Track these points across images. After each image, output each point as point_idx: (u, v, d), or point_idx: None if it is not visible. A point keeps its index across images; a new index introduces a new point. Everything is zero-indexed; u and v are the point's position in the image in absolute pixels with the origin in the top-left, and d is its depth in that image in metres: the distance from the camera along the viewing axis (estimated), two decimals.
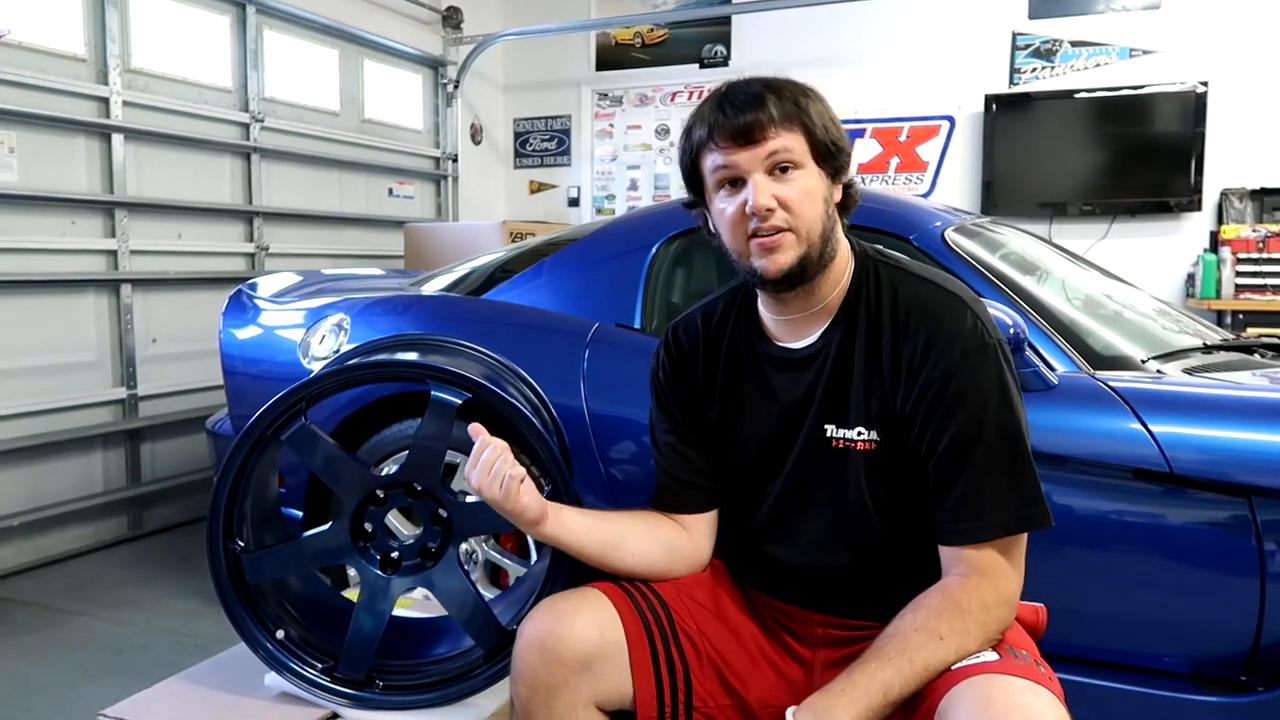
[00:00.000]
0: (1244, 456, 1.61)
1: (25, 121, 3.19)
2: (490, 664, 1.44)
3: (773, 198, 1.16)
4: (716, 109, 1.19)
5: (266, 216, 4.23)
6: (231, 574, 1.46)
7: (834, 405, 1.23)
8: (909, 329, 1.19)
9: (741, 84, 1.21)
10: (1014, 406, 1.16)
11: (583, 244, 2.45)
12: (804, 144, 1.18)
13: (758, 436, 1.29)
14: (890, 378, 1.20)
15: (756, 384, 1.30)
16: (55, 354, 3.35)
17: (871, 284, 1.24)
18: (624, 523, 1.33)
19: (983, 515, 1.14)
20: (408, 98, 5.33)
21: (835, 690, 1.05)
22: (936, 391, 1.16)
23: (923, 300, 1.21)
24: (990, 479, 1.14)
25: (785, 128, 1.17)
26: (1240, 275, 4.31)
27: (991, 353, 1.16)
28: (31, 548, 3.27)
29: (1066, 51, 4.80)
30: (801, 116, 1.18)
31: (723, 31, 5.51)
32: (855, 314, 1.23)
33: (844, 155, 1.22)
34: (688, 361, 1.36)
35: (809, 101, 1.20)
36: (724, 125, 1.17)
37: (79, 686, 2.34)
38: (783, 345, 1.28)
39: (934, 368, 1.16)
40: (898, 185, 5.11)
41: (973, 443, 1.14)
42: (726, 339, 1.33)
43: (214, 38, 4.00)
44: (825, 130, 1.19)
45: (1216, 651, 1.64)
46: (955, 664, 1.06)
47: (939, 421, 1.15)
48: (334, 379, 1.47)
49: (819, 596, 1.28)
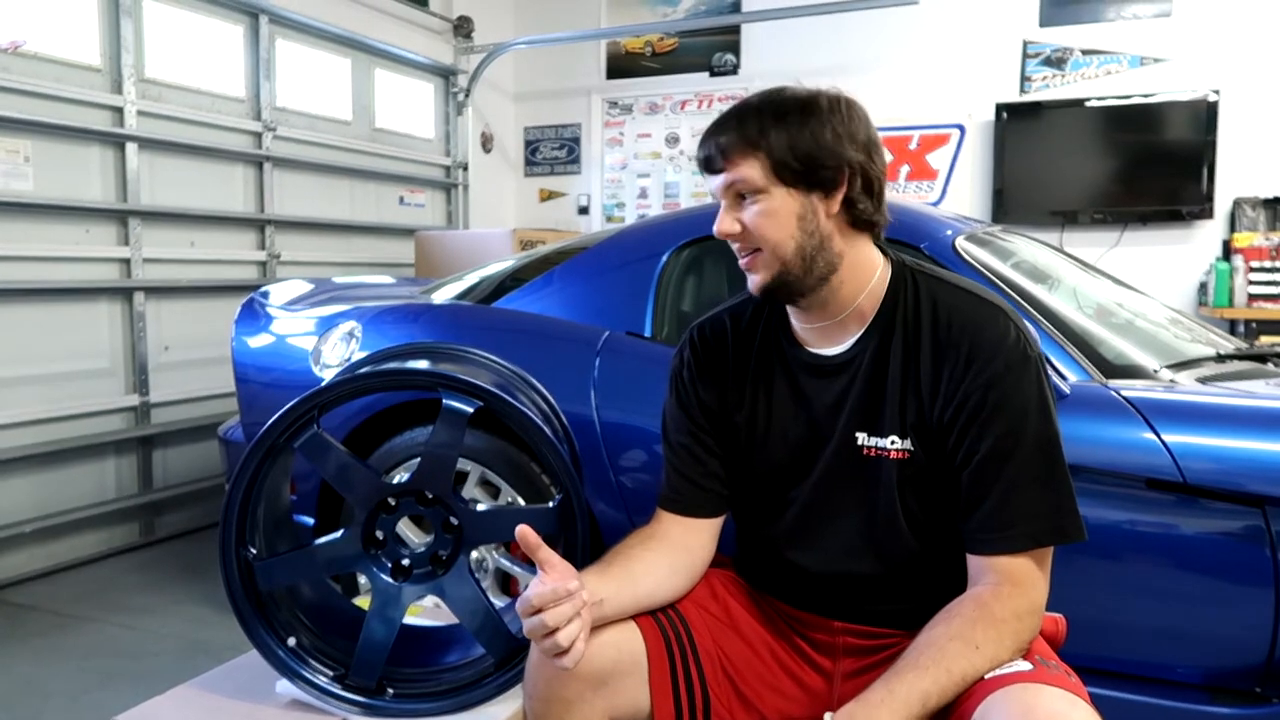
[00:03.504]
0: (1258, 466, 1.60)
1: (40, 131, 3.21)
2: (501, 672, 1.45)
3: (735, 222, 1.20)
4: (702, 137, 1.24)
5: (278, 225, 4.25)
6: (244, 581, 1.47)
7: (867, 413, 1.23)
8: (950, 339, 1.19)
9: (728, 111, 1.22)
10: (1052, 419, 1.17)
11: (593, 252, 2.46)
12: (763, 168, 1.17)
13: (785, 441, 1.29)
14: (929, 387, 1.19)
15: (786, 388, 1.29)
16: (69, 361, 3.37)
17: (909, 293, 1.24)
18: (636, 570, 1.25)
19: (1016, 525, 1.13)
20: (419, 106, 5.35)
21: (874, 700, 1.04)
22: (977, 401, 1.15)
23: (964, 311, 1.21)
24: (1026, 489, 1.14)
25: (740, 156, 1.18)
26: (1253, 284, 4.29)
27: (1033, 365, 1.17)
28: (44, 554, 3.28)
29: (1077, 60, 4.79)
30: (760, 141, 1.16)
31: (733, 40, 5.52)
32: (891, 323, 1.23)
33: (822, 172, 1.17)
34: (716, 361, 1.34)
35: (778, 124, 1.17)
36: (700, 155, 1.24)
37: (91, 692, 2.34)
38: (814, 351, 1.28)
39: (976, 378, 1.16)
40: (908, 193, 5.10)
41: (1011, 453, 1.14)
42: (758, 341, 1.33)
43: (227, 48, 4.03)
44: (788, 151, 1.16)
45: (1231, 663, 1.63)
46: (988, 673, 1.06)
47: (977, 431, 1.15)
48: (346, 387, 1.48)
49: (842, 604, 1.27)
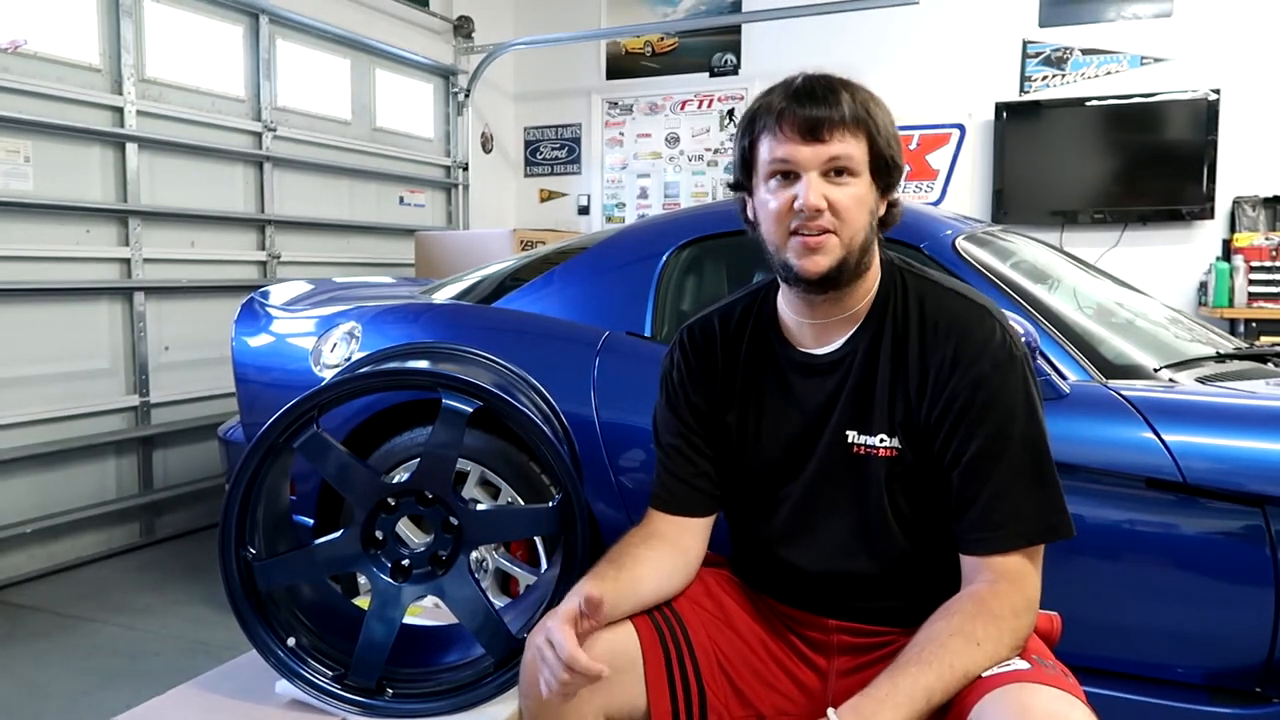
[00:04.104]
0: (1258, 466, 1.60)
1: (41, 131, 3.21)
2: (500, 672, 1.45)
3: (824, 198, 1.15)
4: (789, 98, 1.16)
5: (278, 225, 4.25)
6: (243, 581, 1.47)
7: (857, 412, 1.23)
8: (937, 339, 1.19)
9: (817, 76, 1.18)
10: (1039, 419, 1.17)
11: (593, 252, 2.46)
12: (865, 152, 1.17)
13: (776, 440, 1.29)
14: (916, 386, 1.20)
15: (777, 388, 1.29)
16: (69, 361, 3.37)
17: (898, 293, 1.25)
18: (640, 573, 1.26)
19: (1008, 525, 1.14)
20: (419, 107, 5.35)
21: (878, 695, 1.03)
22: (964, 401, 1.16)
23: (951, 311, 1.21)
24: (1015, 489, 1.14)
25: (851, 131, 1.15)
26: (1253, 283, 4.29)
27: (1019, 365, 1.18)
28: (44, 554, 3.29)
29: (1077, 59, 4.79)
30: (869, 123, 1.16)
31: (733, 40, 5.51)
32: (881, 322, 1.24)
33: (898, 172, 1.21)
34: (705, 363, 1.34)
35: (878, 109, 1.18)
36: (793, 116, 1.15)
37: (91, 693, 2.34)
38: (805, 350, 1.28)
39: (963, 377, 1.16)
40: (908, 193, 5.10)
41: (999, 453, 1.15)
42: (746, 341, 1.33)
43: (227, 48, 4.03)
44: (888, 144, 1.18)
45: (1231, 662, 1.63)
46: (987, 671, 1.06)
47: (965, 431, 1.16)
48: (345, 387, 1.48)
49: (836, 602, 1.28)
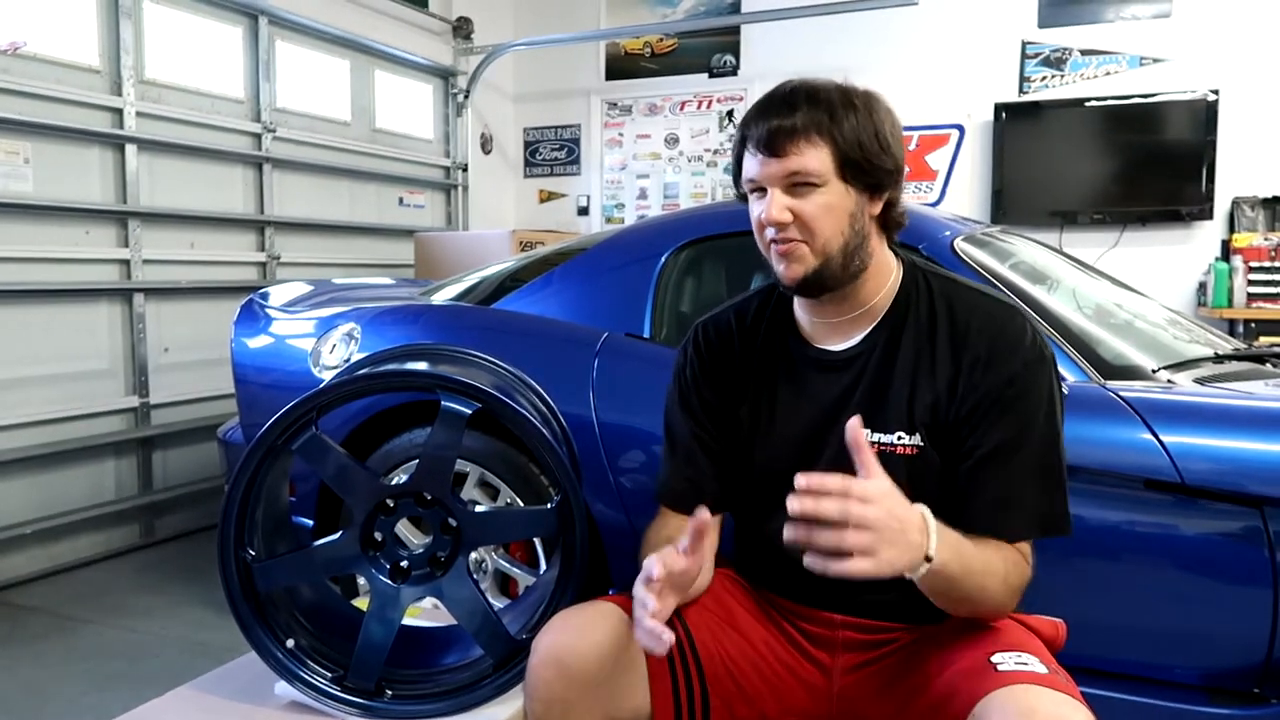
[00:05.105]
0: (1257, 467, 1.60)
1: (40, 132, 3.21)
2: (500, 673, 1.45)
3: (787, 210, 1.17)
4: (757, 111, 1.19)
5: (278, 226, 4.26)
6: (242, 582, 1.47)
7: (873, 409, 1.23)
8: (969, 337, 1.20)
9: (784, 87, 1.19)
10: (1058, 421, 1.19)
11: (592, 253, 2.46)
12: (829, 159, 1.16)
13: (788, 437, 1.29)
14: (946, 384, 1.20)
15: (791, 384, 1.30)
16: (68, 363, 3.37)
17: (922, 293, 1.26)
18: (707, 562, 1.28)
19: (1011, 514, 1.16)
20: (418, 108, 5.35)
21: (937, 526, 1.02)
22: (994, 398, 1.17)
23: (985, 311, 1.23)
24: (1027, 484, 1.16)
25: (809, 141, 1.15)
26: (1252, 284, 4.29)
27: (1048, 366, 1.19)
28: (44, 555, 3.29)
29: (1077, 60, 4.79)
30: (832, 129, 1.15)
31: (732, 41, 5.52)
32: (903, 321, 1.24)
33: (880, 173, 1.19)
34: (720, 359, 1.35)
35: (848, 113, 1.17)
36: (755, 132, 1.18)
37: (90, 694, 2.34)
38: (821, 347, 1.28)
39: (997, 375, 1.18)
40: (907, 194, 5.08)
41: (1017, 448, 1.16)
42: (761, 338, 1.33)
43: (226, 49, 4.03)
44: (858, 147, 1.16)
45: (1229, 663, 1.63)
46: (1001, 665, 1.05)
47: (988, 424, 1.17)
48: (345, 388, 1.48)
49: (843, 597, 1.27)
